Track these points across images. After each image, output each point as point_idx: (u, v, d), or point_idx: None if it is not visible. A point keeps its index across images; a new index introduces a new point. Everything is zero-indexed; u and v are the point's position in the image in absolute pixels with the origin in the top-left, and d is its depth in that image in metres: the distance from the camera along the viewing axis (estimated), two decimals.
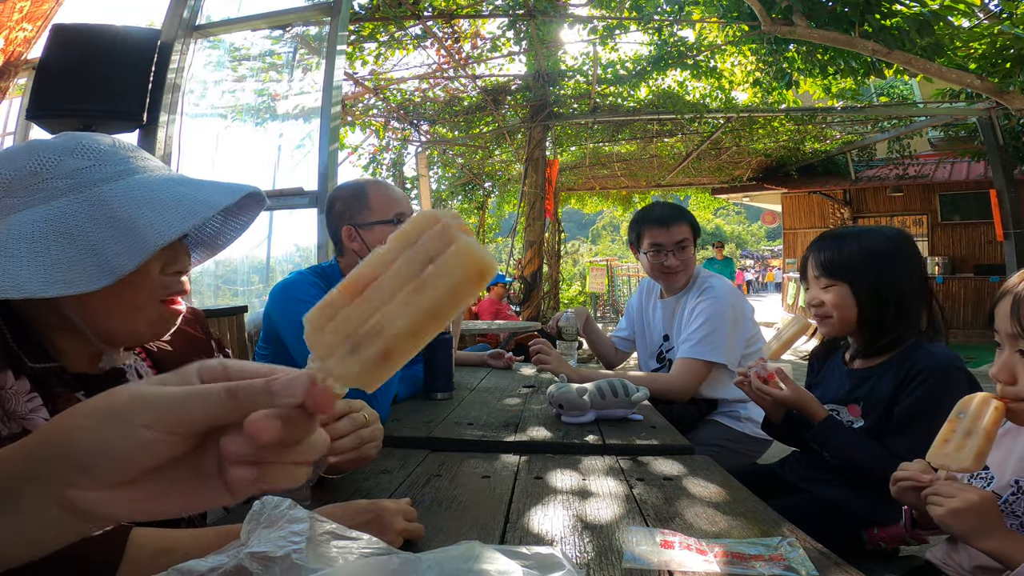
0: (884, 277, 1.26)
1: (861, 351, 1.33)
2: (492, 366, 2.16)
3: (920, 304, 1.28)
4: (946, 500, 0.83)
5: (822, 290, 1.32)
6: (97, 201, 0.70)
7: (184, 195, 0.72)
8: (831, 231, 1.37)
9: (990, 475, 0.92)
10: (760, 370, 1.30)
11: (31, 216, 0.68)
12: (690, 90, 7.20)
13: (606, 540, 0.73)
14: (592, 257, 20.22)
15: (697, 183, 13.39)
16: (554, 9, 5.70)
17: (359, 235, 1.52)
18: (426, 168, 8.55)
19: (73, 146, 0.72)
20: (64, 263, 0.66)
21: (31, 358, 0.72)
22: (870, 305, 1.26)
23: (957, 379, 1.17)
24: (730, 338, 1.86)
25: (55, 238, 0.67)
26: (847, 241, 1.30)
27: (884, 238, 1.29)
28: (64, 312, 0.73)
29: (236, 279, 3.54)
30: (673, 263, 1.96)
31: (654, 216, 2.00)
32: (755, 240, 52.58)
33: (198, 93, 3.18)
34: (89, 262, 0.67)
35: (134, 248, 0.67)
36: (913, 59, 4.34)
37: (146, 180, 0.73)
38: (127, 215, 0.69)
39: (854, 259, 1.28)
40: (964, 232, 10.14)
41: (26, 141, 0.74)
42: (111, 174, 0.72)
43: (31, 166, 0.70)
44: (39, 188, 0.69)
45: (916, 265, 1.29)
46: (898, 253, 1.28)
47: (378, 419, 0.88)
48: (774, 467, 1.52)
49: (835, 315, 1.30)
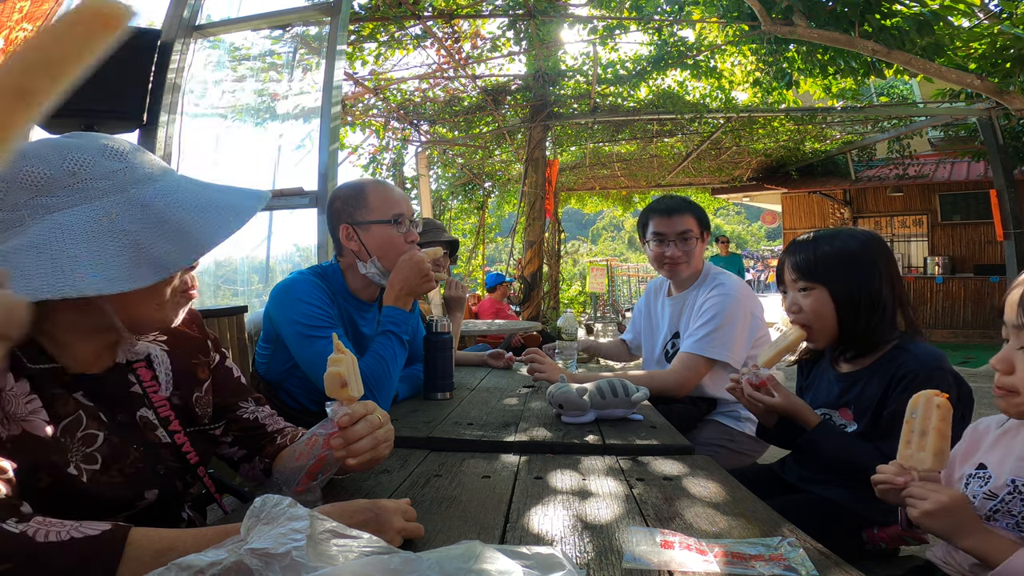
0: (856, 278, 1.26)
1: (845, 353, 1.33)
2: (492, 366, 2.16)
3: (894, 305, 1.28)
4: (918, 502, 0.84)
5: (800, 293, 1.33)
6: (142, 203, 0.73)
7: (221, 200, 0.77)
8: (802, 237, 1.37)
9: (988, 474, 0.92)
10: (752, 377, 1.30)
11: (79, 216, 0.70)
12: (690, 90, 7.19)
13: (606, 540, 0.73)
14: (592, 257, 20.21)
15: (697, 183, 13.38)
16: (554, 9, 5.70)
17: (356, 234, 1.52)
18: (426, 168, 8.54)
19: (102, 148, 0.74)
20: (122, 261, 0.69)
21: (29, 359, 0.72)
22: (848, 307, 1.27)
23: (941, 379, 1.16)
24: (737, 336, 1.83)
25: (109, 237, 0.70)
26: (820, 244, 1.31)
27: (854, 240, 1.30)
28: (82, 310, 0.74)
29: (236, 279, 3.54)
30: (675, 253, 1.95)
31: (660, 206, 2.01)
32: (755, 240, 52.56)
33: (198, 93, 3.17)
34: (142, 260, 0.70)
35: (186, 248, 0.72)
36: (913, 59, 4.34)
37: (176, 184, 0.77)
38: (176, 217, 0.73)
39: (829, 260, 1.28)
40: (964, 232, 10.13)
41: (42, 140, 0.75)
42: (142, 176, 0.75)
43: (68, 166, 0.71)
44: (78, 188, 0.71)
45: (887, 267, 1.30)
46: (868, 254, 1.28)
47: (389, 419, 0.89)
48: (774, 467, 1.52)
49: (815, 324, 1.31)
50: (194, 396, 0.93)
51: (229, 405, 1.00)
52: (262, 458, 1.00)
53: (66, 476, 0.71)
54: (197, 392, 0.94)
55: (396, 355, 1.40)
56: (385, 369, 1.37)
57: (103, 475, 0.75)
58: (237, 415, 1.00)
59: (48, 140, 0.75)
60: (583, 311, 13.14)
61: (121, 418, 0.81)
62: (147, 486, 0.81)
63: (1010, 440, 0.93)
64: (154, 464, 0.83)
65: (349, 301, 1.57)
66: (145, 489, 0.80)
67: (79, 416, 0.76)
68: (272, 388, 1.58)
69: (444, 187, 10.32)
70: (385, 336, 1.42)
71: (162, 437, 0.85)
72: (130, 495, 0.79)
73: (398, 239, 1.52)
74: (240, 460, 1.01)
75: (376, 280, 1.55)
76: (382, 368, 1.37)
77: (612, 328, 12.08)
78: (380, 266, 1.53)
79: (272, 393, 1.58)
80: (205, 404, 0.96)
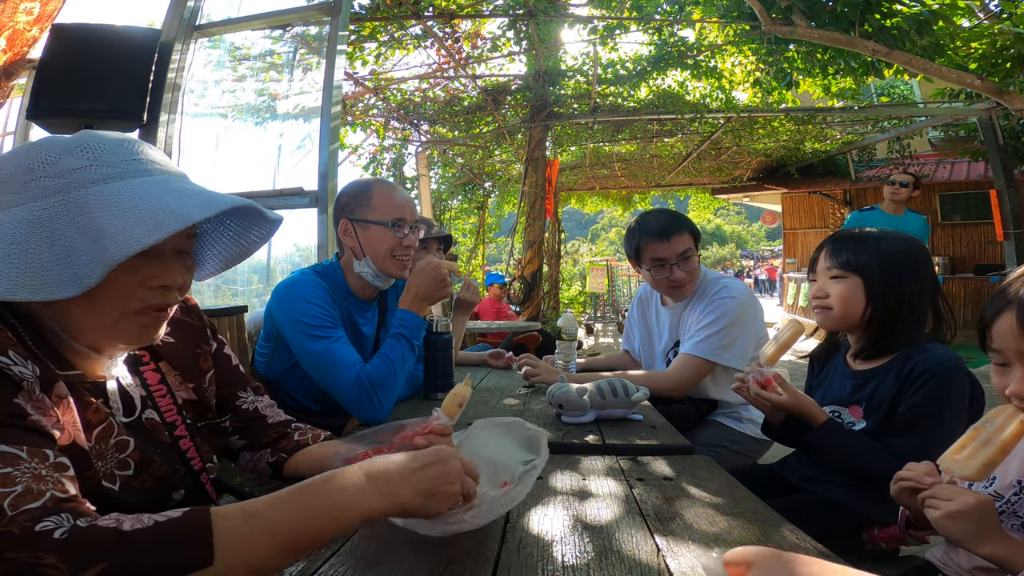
0: (898, 278, 1.26)
1: (863, 351, 1.33)
2: (492, 366, 2.16)
3: (927, 309, 1.29)
4: (943, 503, 0.81)
5: (831, 280, 1.32)
6: (81, 204, 0.66)
7: (162, 205, 0.67)
8: (849, 230, 1.36)
9: (992, 475, 0.92)
10: (758, 375, 1.30)
11: (16, 215, 0.66)
12: (690, 90, 7.18)
13: (606, 540, 0.73)
14: (592, 257, 20.21)
15: (697, 183, 13.38)
16: (554, 9, 5.70)
17: (354, 230, 1.52)
18: (426, 168, 8.54)
19: (77, 144, 0.69)
20: (37, 267, 0.63)
21: (58, 367, 0.70)
22: (881, 304, 1.26)
23: (959, 380, 1.17)
24: (739, 340, 1.81)
25: (34, 240, 0.64)
26: (867, 241, 1.30)
27: (902, 241, 1.30)
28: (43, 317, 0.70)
29: (236, 279, 3.54)
30: (679, 276, 1.88)
31: (651, 229, 1.88)
32: (755, 240, 52.55)
33: (198, 93, 3.18)
34: (62, 269, 0.64)
35: (98, 259, 0.63)
36: (913, 59, 4.34)
37: (136, 185, 0.69)
38: (100, 223, 0.65)
39: (871, 256, 1.28)
40: (964, 232, 10.13)
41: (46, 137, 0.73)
42: (105, 175, 0.68)
43: (29, 162, 0.68)
44: (31, 186, 0.67)
45: (929, 271, 1.30)
46: (914, 257, 1.28)
47: None
48: (774, 467, 1.52)
49: (837, 308, 1.30)
50: (203, 387, 0.92)
51: (229, 395, 0.99)
52: (275, 451, 0.98)
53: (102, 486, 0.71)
54: (203, 383, 0.93)
55: (404, 358, 1.40)
56: (391, 370, 1.37)
57: (136, 480, 0.75)
58: (236, 405, 0.99)
59: (48, 137, 0.73)
60: (583, 311, 13.14)
61: (132, 421, 0.80)
62: (174, 487, 0.81)
63: None
64: (174, 464, 0.82)
65: (349, 300, 1.57)
66: (172, 491, 0.81)
67: (111, 423, 0.74)
68: (272, 387, 1.58)
69: (444, 187, 10.32)
70: (396, 339, 1.41)
71: (167, 439, 0.84)
72: (160, 497, 0.78)
73: (393, 244, 1.51)
74: (240, 450, 1.00)
75: (369, 280, 1.55)
76: (389, 369, 1.36)
77: (612, 328, 12.08)
78: (373, 266, 1.53)
79: (272, 392, 1.58)
80: (211, 395, 0.94)
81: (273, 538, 0.57)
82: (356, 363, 1.37)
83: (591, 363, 2.35)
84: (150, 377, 0.85)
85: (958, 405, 1.17)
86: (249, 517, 0.57)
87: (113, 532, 0.52)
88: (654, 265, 1.90)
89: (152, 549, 0.52)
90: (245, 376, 1.03)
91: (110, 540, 0.52)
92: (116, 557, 0.51)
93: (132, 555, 0.51)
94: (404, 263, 1.56)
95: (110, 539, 0.52)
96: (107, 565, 0.50)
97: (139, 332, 0.75)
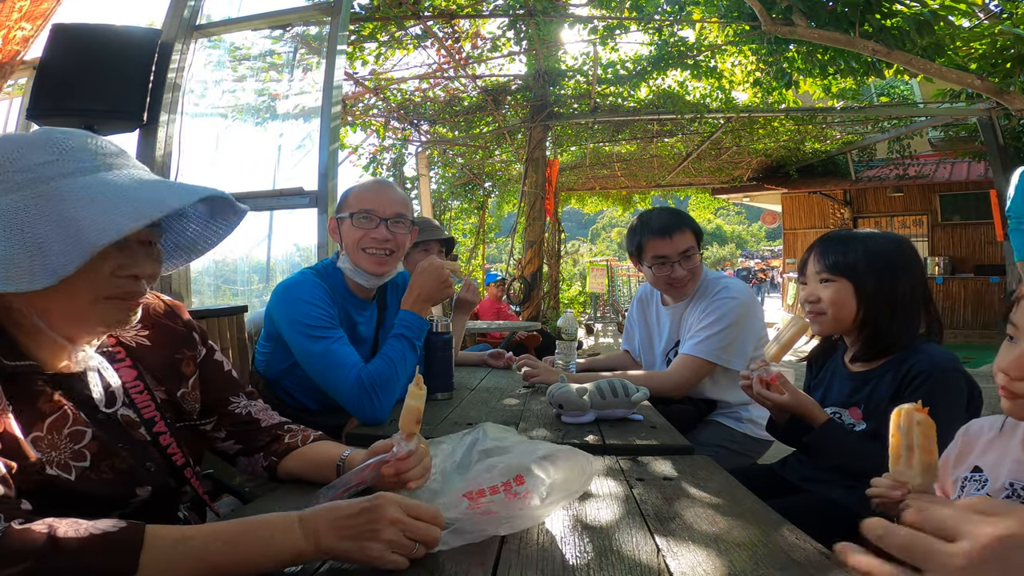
0: (888, 279, 1.26)
1: (860, 353, 1.33)
2: (492, 366, 2.16)
3: (920, 308, 1.29)
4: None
5: (820, 284, 1.32)
6: (52, 196, 0.67)
7: (136, 195, 0.69)
8: (836, 232, 1.37)
9: (984, 477, 0.92)
10: (763, 373, 1.30)
11: None
12: (690, 90, 7.18)
13: (606, 540, 0.73)
14: (592, 257, 20.21)
15: (697, 183, 13.37)
16: (554, 9, 5.70)
17: (338, 227, 1.56)
18: (426, 168, 8.55)
19: (44, 140, 0.71)
20: (7, 259, 0.64)
21: (7, 357, 0.70)
22: (872, 306, 1.26)
23: (955, 380, 1.17)
24: (739, 341, 1.81)
25: (3, 233, 0.65)
26: (854, 242, 1.30)
27: (889, 242, 1.30)
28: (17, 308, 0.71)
29: (236, 279, 3.54)
30: (681, 274, 1.88)
31: (654, 226, 1.88)
32: (755, 240, 52.55)
33: (198, 93, 3.17)
34: (34, 260, 0.65)
35: (74, 249, 0.65)
36: (913, 59, 4.34)
37: (107, 178, 0.71)
38: (74, 214, 0.66)
39: (859, 259, 1.28)
40: (964, 232, 10.13)
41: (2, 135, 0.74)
42: (73, 170, 0.70)
43: None
44: None
45: (918, 271, 1.30)
46: (902, 257, 1.28)
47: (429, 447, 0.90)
48: (774, 467, 1.52)
49: (830, 312, 1.30)
50: (180, 392, 0.92)
51: (219, 400, 0.99)
52: (267, 455, 0.99)
53: (49, 476, 0.70)
54: (183, 388, 0.93)
55: (405, 359, 1.40)
56: (392, 371, 1.36)
57: (92, 472, 0.75)
58: (228, 410, 0.99)
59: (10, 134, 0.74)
60: (583, 311, 13.15)
61: (101, 416, 0.80)
62: (139, 483, 0.80)
63: (1005, 442, 0.93)
64: (144, 461, 0.82)
65: (348, 300, 1.57)
66: (137, 486, 0.80)
67: (65, 412, 0.74)
68: (271, 386, 1.59)
69: (444, 187, 10.32)
70: (397, 339, 1.41)
71: (145, 436, 0.84)
72: (122, 491, 0.78)
73: (359, 235, 1.50)
74: (236, 454, 1.00)
75: (351, 276, 1.55)
76: (390, 370, 1.36)
77: (612, 328, 12.08)
78: (350, 262, 1.53)
79: (271, 391, 1.59)
80: (192, 400, 0.94)
81: (199, 563, 0.60)
82: (356, 363, 1.37)
83: (591, 363, 2.34)
84: (125, 374, 0.85)
85: (956, 406, 1.17)
86: (181, 540, 0.60)
87: (44, 536, 0.55)
88: (656, 263, 1.90)
89: (79, 554, 0.55)
90: (238, 381, 1.03)
91: (39, 542, 0.54)
92: (41, 559, 0.53)
93: (57, 559, 0.54)
94: (378, 258, 1.51)
95: (39, 541, 0.54)
96: (30, 565, 0.53)
97: (116, 314, 0.77)
